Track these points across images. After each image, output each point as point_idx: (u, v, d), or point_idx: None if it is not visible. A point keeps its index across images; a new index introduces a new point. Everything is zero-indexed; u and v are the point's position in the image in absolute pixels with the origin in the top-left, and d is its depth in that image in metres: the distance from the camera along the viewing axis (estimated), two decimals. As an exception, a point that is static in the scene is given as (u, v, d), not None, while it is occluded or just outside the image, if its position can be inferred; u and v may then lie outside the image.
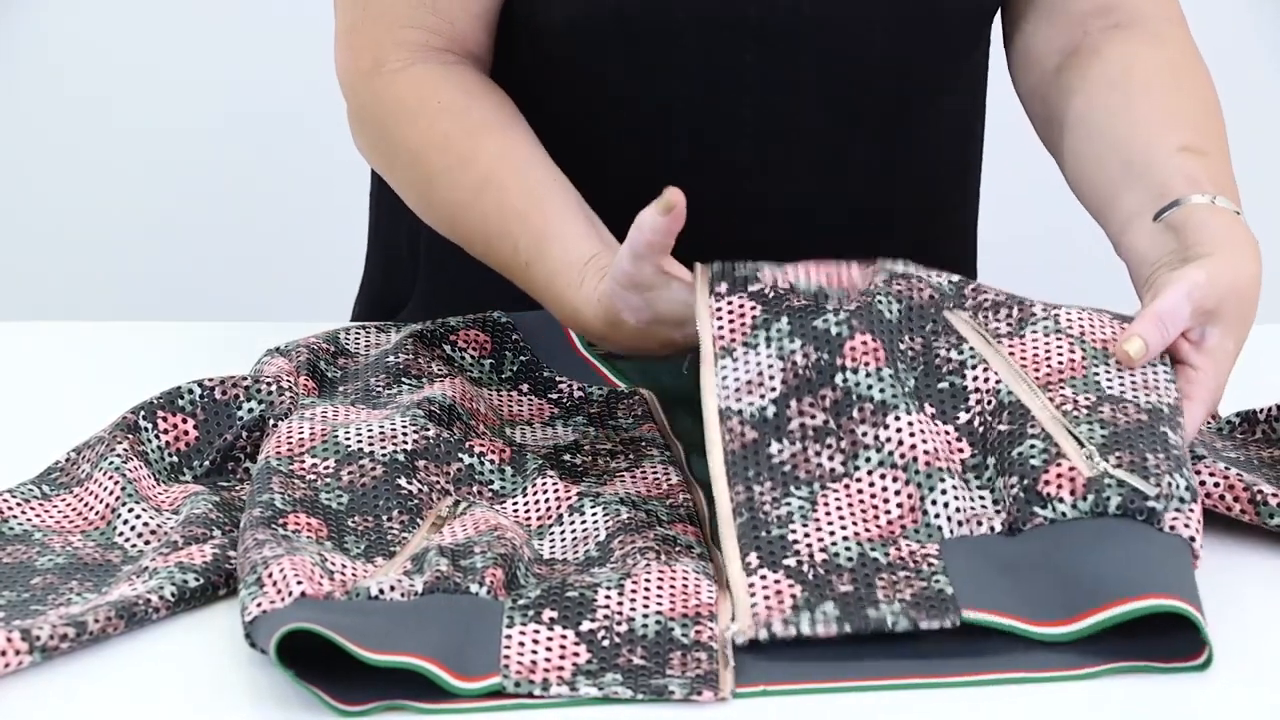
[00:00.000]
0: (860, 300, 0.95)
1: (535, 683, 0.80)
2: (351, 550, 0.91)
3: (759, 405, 0.93)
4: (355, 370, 1.13)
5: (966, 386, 0.93)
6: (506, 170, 1.11)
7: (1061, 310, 0.97)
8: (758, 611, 0.84)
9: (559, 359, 1.16)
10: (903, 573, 0.86)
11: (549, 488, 0.98)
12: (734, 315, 0.95)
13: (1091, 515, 0.87)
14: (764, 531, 0.89)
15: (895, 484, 0.90)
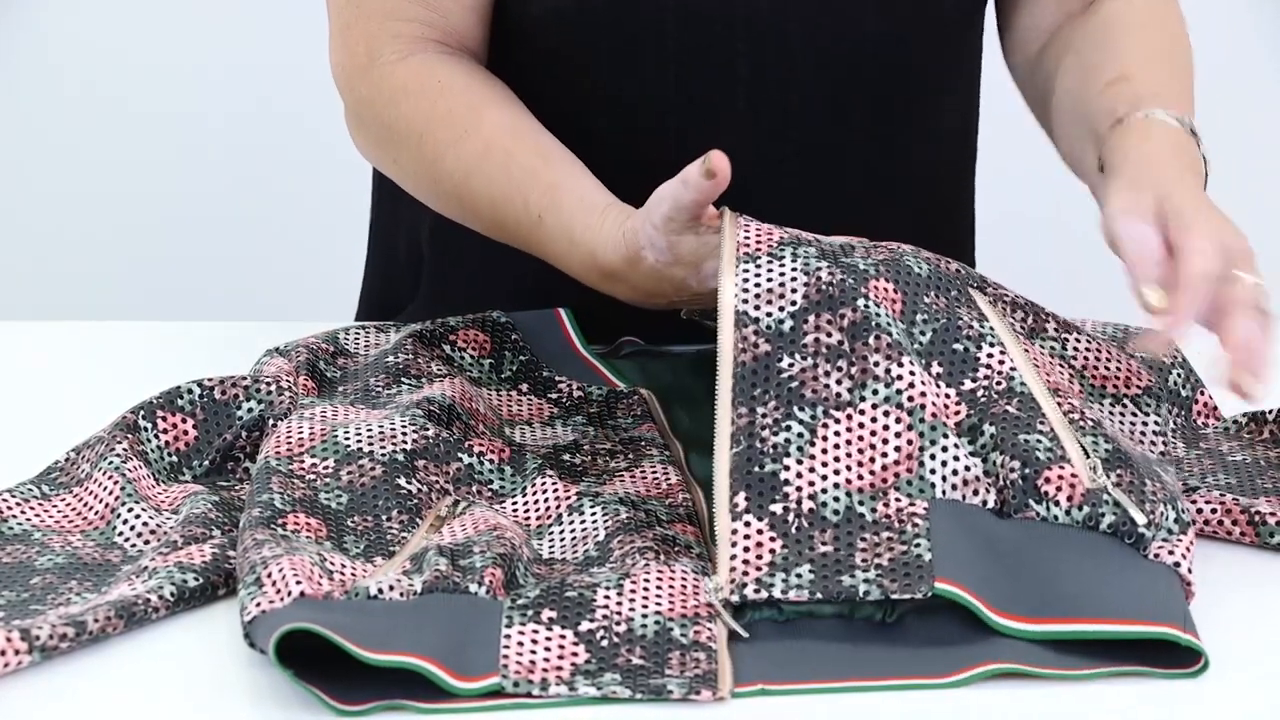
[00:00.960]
0: (889, 253, 0.95)
1: (534, 683, 0.80)
2: (351, 550, 0.91)
3: (777, 317, 0.92)
4: (355, 370, 1.13)
5: (980, 359, 0.93)
6: (511, 136, 1.12)
7: (1071, 336, 0.97)
8: (735, 566, 0.85)
9: (558, 359, 1.16)
10: (885, 534, 0.86)
11: (548, 487, 0.98)
12: (760, 231, 0.95)
13: (1082, 527, 0.87)
14: (757, 466, 0.88)
15: (898, 425, 0.89)
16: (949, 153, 1.29)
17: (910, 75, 1.21)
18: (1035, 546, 0.86)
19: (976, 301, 0.96)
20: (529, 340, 1.16)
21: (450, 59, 1.17)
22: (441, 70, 1.16)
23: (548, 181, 1.09)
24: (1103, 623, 0.82)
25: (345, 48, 1.19)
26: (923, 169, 1.26)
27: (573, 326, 1.19)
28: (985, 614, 0.83)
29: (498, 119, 1.13)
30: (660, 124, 1.19)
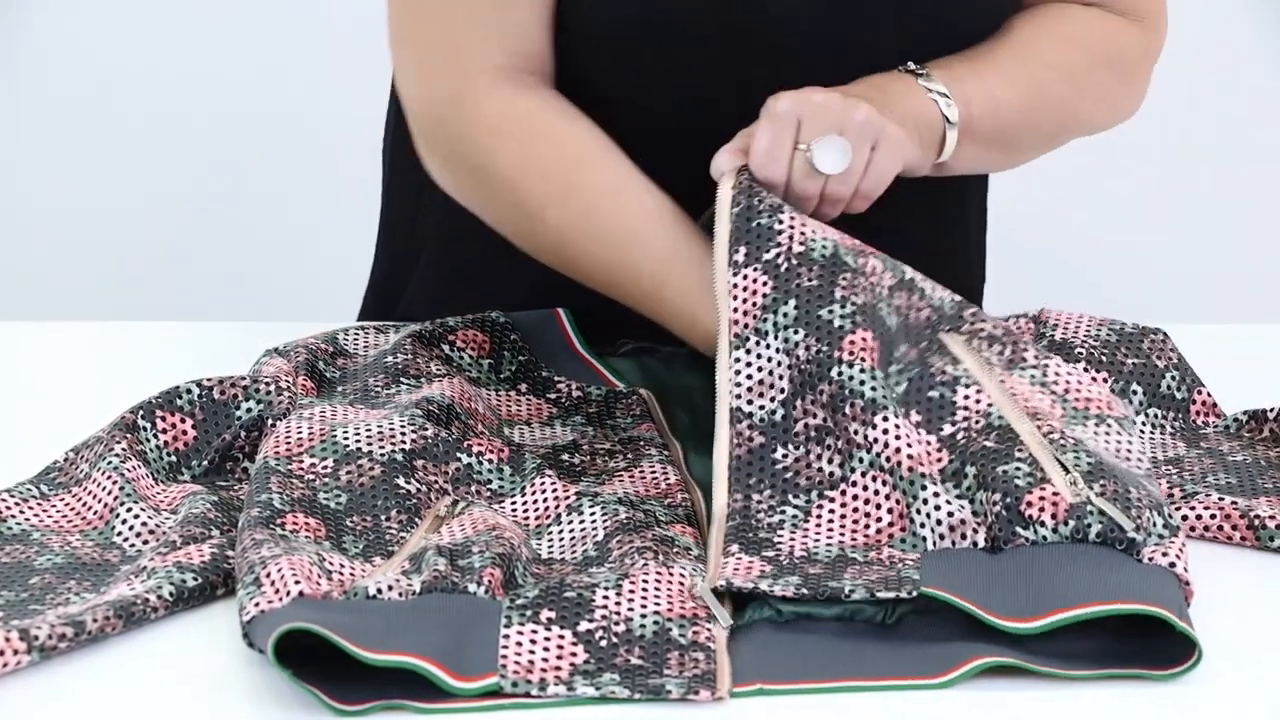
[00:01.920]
0: (867, 296, 0.95)
1: (533, 682, 0.80)
2: (350, 550, 0.91)
3: (769, 409, 0.94)
4: (354, 370, 1.13)
5: (956, 402, 0.94)
6: (616, 197, 1.09)
7: (1051, 363, 0.98)
8: (725, 573, 0.86)
9: (557, 359, 1.16)
10: (876, 567, 0.87)
11: (547, 487, 0.98)
12: (749, 293, 0.96)
13: (1071, 541, 0.87)
14: (751, 534, 0.91)
15: (885, 488, 0.90)
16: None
17: None
18: (1029, 565, 0.86)
19: (949, 346, 0.97)
20: (528, 340, 1.16)
21: (539, 97, 1.14)
22: (536, 115, 1.12)
23: (659, 251, 1.07)
24: (1095, 605, 0.82)
25: (429, 79, 1.15)
26: (938, 185, 1.25)
27: (572, 327, 1.19)
28: (979, 614, 0.83)
29: (600, 176, 1.10)
30: (683, 136, 1.18)
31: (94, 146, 2.52)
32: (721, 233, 0.99)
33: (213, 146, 2.53)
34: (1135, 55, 1.22)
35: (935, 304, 0.99)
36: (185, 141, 2.52)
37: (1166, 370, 1.09)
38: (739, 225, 0.98)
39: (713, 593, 0.85)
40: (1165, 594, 0.83)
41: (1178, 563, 0.86)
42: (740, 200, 0.99)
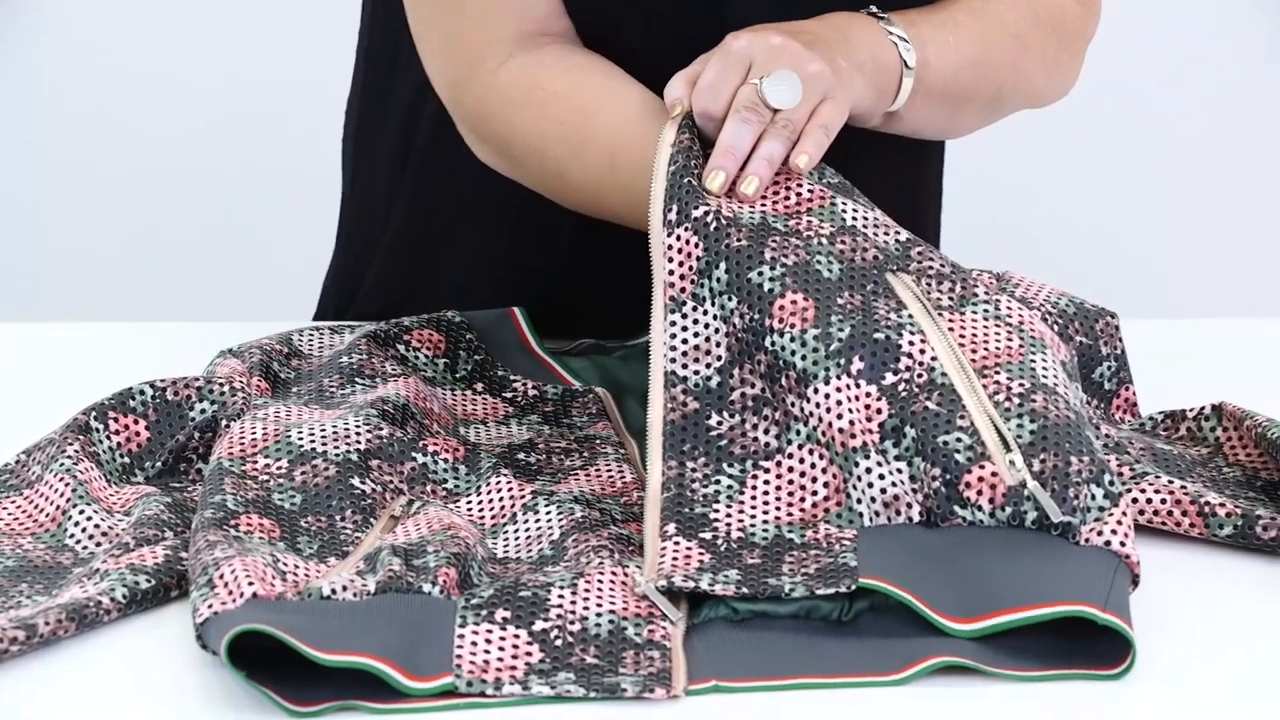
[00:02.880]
0: (798, 255, 0.95)
1: (488, 682, 0.80)
2: (304, 550, 0.91)
3: (704, 374, 0.94)
4: (309, 371, 1.13)
5: (901, 347, 0.93)
6: (628, 139, 1.08)
7: (1002, 298, 0.97)
8: (663, 566, 0.86)
9: (513, 358, 1.16)
10: (814, 551, 0.87)
11: (503, 486, 0.98)
12: (682, 255, 0.96)
13: (1008, 526, 0.87)
14: (687, 508, 0.90)
15: (822, 461, 0.90)
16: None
17: None
18: (963, 550, 0.86)
19: (895, 289, 0.96)
20: (484, 340, 1.16)
21: (548, 55, 1.14)
22: (543, 74, 1.13)
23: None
24: (1023, 610, 0.82)
25: (446, 59, 1.16)
26: (895, 149, 1.25)
27: (527, 325, 1.19)
28: (921, 609, 0.83)
29: (610, 120, 1.09)
30: None
31: (47, 146, 2.50)
32: (657, 191, 0.98)
33: (167, 148, 2.52)
34: (1075, 26, 1.23)
35: (880, 245, 0.98)
36: (139, 143, 2.51)
37: (1106, 359, 1.09)
38: (673, 182, 0.98)
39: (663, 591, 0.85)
40: (1095, 586, 0.83)
41: (1114, 539, 0.86)
42: (678, 159, 0.99)
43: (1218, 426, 1.05)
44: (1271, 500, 0.98)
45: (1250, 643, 0.85)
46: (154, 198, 2.54)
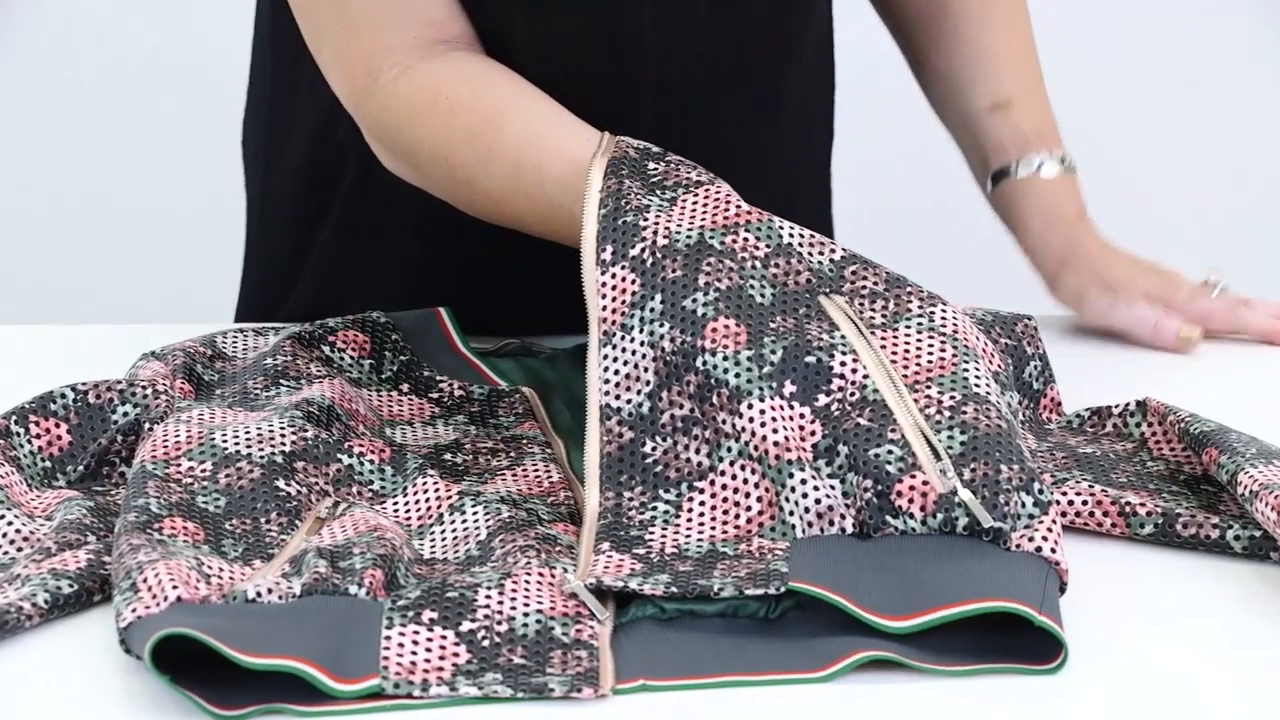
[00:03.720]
0: (731, 279, 0.95)
1: (415, 683, 0.80)
2: (229, 553, 0.90)
3: (636, 401, 0.94)
4: (233, 373, 1.12)
5: (833, 368, 0.94)
6: (535, 146, 1.08)
7: (938, 308, 0.98)
8: (595, 570, 0.87)
9: (439, 358, 1.16)
10: (746, 560, 0.87)
11: (429, 487, 0.98)
12: (616, 291, 0.96)
13: (940, 533, 0.88)
14: (623, 531, 0.91)
15: (754, 476, 0.91)
16: (819, 101, 1.35)
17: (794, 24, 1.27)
18: (896, 556, 0.87)
19: (827, 311, 0.97)
20: (409, 340, 1.16)
21: (450, 63, 1.14)
22: (446, 83, 1.12)
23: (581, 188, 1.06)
24: (959, 605, 0.82)
25: (344, 71, 1.15)
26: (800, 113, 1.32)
27: (453, 326, 1.19)
28: (851, 609, 0.83)
29: (515, 129, 1.10)
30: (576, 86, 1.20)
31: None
32: (589, 234, 0.98)
33: (87, 145, 2.50)
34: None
35: (814, 266, 0.99)
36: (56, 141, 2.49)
37: (1032, 359, 1.11)
38: (605, 224, 0.98)
39: (591, 590, 0.85)
40: (1029, 588, 0.84)
41: (1044, 545, 0.87)
42: (608, 203, 0.99)
43: (1142, 422, 1.06)
44: (1194, 494, 0.99)
45: (1170, 632, 0.86)
46: (71, 198, 2.52)
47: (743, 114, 1.27)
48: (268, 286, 1.34)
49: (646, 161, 1.02)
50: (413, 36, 1.13)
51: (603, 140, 1.05)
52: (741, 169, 1.16)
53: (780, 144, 1.33)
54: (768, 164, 1.31)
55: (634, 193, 1.00)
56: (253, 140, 1.36)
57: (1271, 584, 0.91)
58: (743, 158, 1.27)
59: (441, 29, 1.15)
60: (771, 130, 1.30)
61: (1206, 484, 1.00)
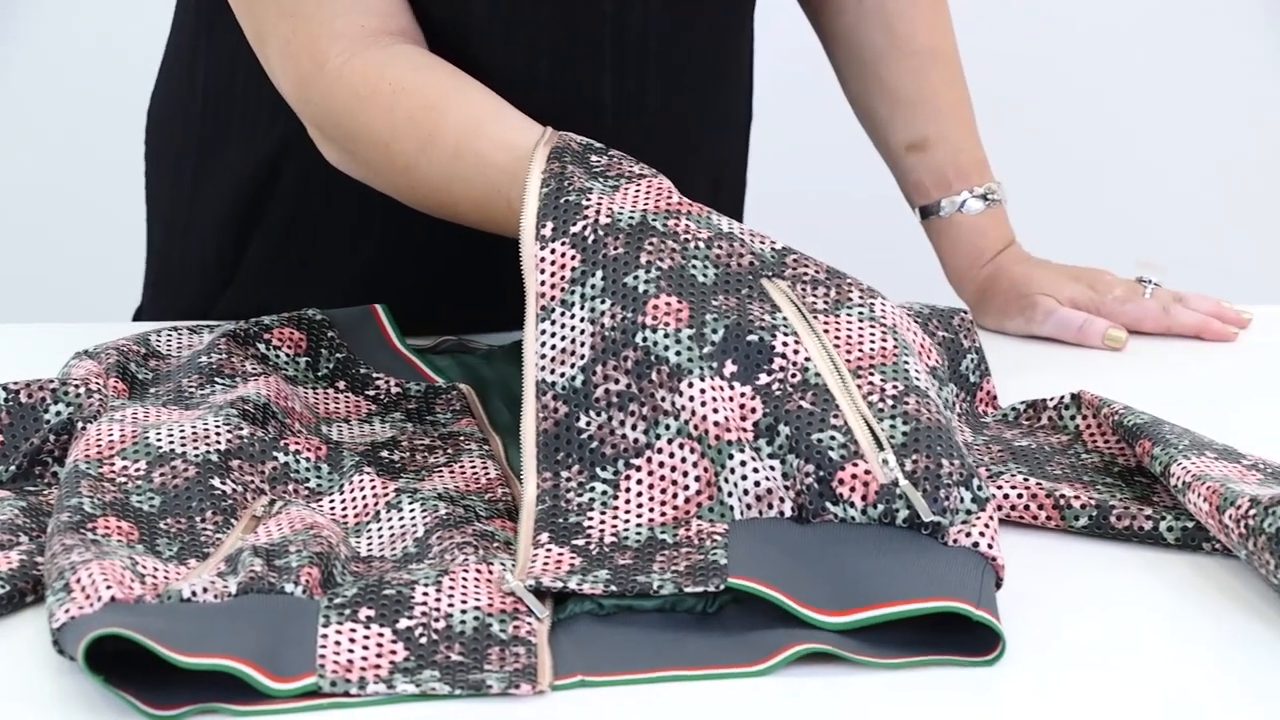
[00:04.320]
0: (674, 259, 0.95)
1: (352, 681, 0.80)
2: (164, 553, 0.90)
3: (569, 375, 0.94)
4: (167, 371, 1.11)
5: (774, 348, 0.93)
6: (476, 134, 1.08)
7: (877, 300, 0.98)
8: (534, 569, 0.86)
9: (376, 356, 1.15)
10: (685, 549, 0.87)
11: (366, 485, 0.97)
12: (556, 266, 0.96)
13: (879, 524, 0.88)
14: (561, 518, 0.90)
15: (693, 455, 0.90)
16: (745, 76, 1.37)
17: None
18: (834, 546, 0.87)
19: (769, 293, 0.97)
20: (346, 337, 1.15)
21: (395, 53, 1.14)
22: (390, 70, 1.12)
23: (525, 179, 1.06)
24: (898, 604, 0.83)
25: (289, 61, 1.15)
26: (732, 84, 1.35)
27: (390, 323, 1.18)
28: (790, 605, 0.83)
29: (458, 117, 1.10)
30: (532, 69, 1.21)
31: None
32: (529, 210, 0.98)
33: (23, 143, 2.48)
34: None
35: (756, 251, 0.99)
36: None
37: (969, 351, 1.11)
38: (547, 202, 0.98)
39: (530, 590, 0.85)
40: (967, 584, 0.84)
41: (981, 540, 0.87)
42: (550, 183, 0.99)
43: (1077, 415, 1.07)
44: (1128, 486, 1.00)
45: (1105, 623, 0.87)
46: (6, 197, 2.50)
47: (700, 88, 1.28)
48: (188, 293, 1.33)
49: (589, 154, 1.02)
50: (359, 26, 1.13)
51: (545, 132, 1.05)
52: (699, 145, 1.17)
53: (728, 121, 1.34)
54: (716, 141, 1.32)
55: (577, 176, 1.00)
56: (173, 144, 1.36)
57: (1204, 574, 0.92)
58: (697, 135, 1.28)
59: (388, 20, 1.15)
60: (723, 107, 1.32)
61: (1140, 476, 1.01)
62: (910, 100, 1.38)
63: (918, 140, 1.38)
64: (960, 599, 0.83)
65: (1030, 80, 2.51)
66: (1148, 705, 0.80)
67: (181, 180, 1.34)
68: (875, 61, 1.39)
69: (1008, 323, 1.34)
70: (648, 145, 1.24)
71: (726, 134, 1.36)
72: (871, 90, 1.40)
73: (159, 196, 1.37)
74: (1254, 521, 0.88)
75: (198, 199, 1.33)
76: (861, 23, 1.39)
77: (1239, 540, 0.89)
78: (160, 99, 1.37)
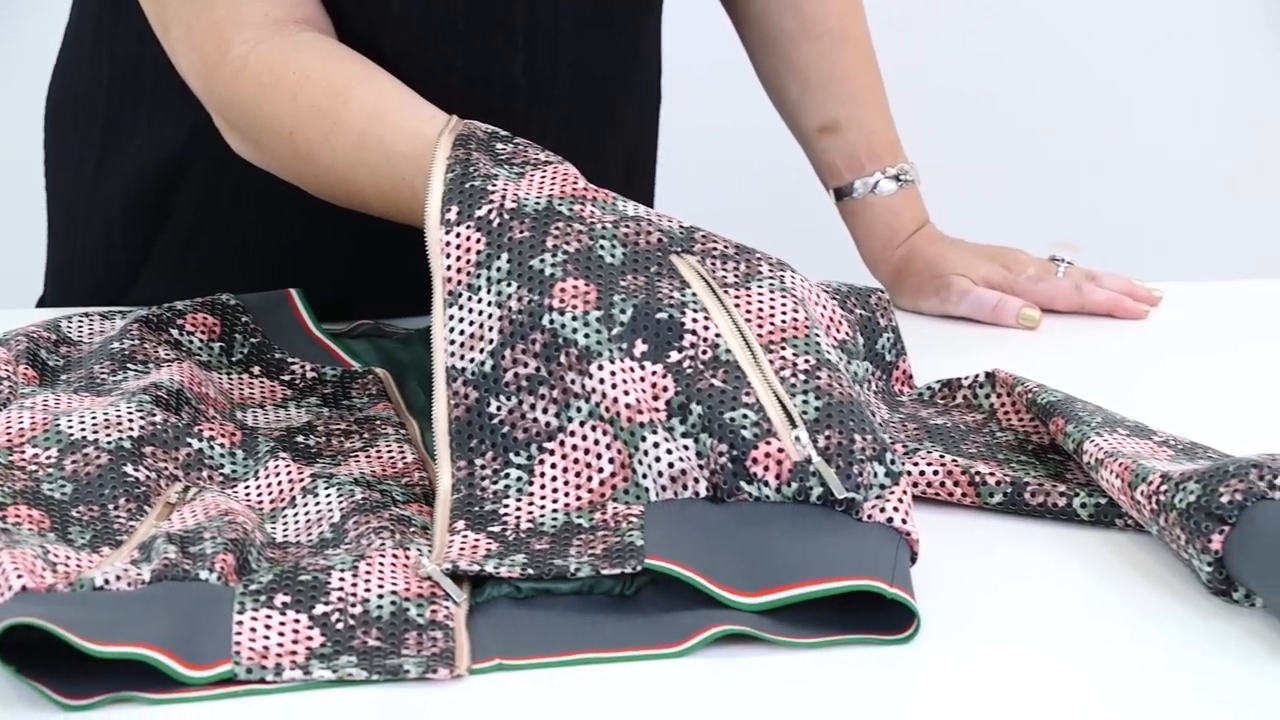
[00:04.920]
0: (580, 241, 0.95)
1: (268, 668, 0.79)
2: (76, 541, 0.89)
3: (479, 360, 0.93)
4: (79, 358, 1.10)
5: (684, 324, 0.93)
6: (381, 121, 1.08)
7: (787, 273, 0.99)
8: (450, 554, 0.86)
9: (291, 340, 1.15)
10: (601, 533, 0.87)
11: (281, 470, 0.97)
12: (461, 250, 0.95)
13: (794, 502, 0.88)
14: (477, 506, 0.90)
15: (606, 438, 0.90)
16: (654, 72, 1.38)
17: None
18: (749, 526, 0.87)
19: (679, 269, 0.97)
20: (260, 322, 1.14)
21: (300, 41, 1.13)
22: (295, 58, 1.11)
23: (429, 168, 1.05)
24: (813, 584, 0.83)
25: (193, 49, 1.14)
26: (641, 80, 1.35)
27: (305, 307, 1.18)
28: (707, 587, 0.84)
29: (363, 105, 1.09)
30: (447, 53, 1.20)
31: None
32: (434, 195, 0.98)
33: None
34: None
35: (664, 228, 0.99)
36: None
37: (885, 330, 1.12)
38: (451, 187, 0.98)
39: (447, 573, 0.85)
40: (882, 562, 0.85)
41: (895, 515, 0.88)
42: (455, 169, 0.99)
43: (991, 394, 1.07)
44: (1042, 463, 1.01)
45: (1019, 599, 0.88)
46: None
47: (613, 67, 1.28)
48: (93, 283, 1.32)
49: (495, 142, 1.02)
50: (263, 13, 1.12)
51: (450, 120, 1.04)
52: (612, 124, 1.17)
53: (640, 99, 1.34)
54: (628, 119, 1.33)
55: (482, 163, 0.99)
56: (76, 130, 1.34)
57: (1117, 549, 0.93)
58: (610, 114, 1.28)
59: (293, 8, 1.14)
60: (635, 86, 1.32)
61: (1054, 453, 1.02)
62: (821, 82, 1.39)
63: (829, 122, 1.38)
64: (875, 577, 0.83)
65: (1022, 79, 2.52)
66: (1062, 679, 0.80)
67: (85, 167, 1.32)
68: (785, 44, 1.39)
69: (923, 303, 1.35)
70: (561, 125, 1.24)
71: (639, 112, 1.36)
72: (782, 73, 1.40)
73: (60, 183, 1.36)
74: (1165, 497, 0.89)
75: (102, 186, 1.32)
76: (772, 5, 1.39)
77: (1150, 516, 0.90)
78: (62, 82, 1.36)
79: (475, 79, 1.21)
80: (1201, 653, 0.82)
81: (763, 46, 1.41)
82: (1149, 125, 2.57)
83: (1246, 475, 0.86)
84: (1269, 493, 0.85)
